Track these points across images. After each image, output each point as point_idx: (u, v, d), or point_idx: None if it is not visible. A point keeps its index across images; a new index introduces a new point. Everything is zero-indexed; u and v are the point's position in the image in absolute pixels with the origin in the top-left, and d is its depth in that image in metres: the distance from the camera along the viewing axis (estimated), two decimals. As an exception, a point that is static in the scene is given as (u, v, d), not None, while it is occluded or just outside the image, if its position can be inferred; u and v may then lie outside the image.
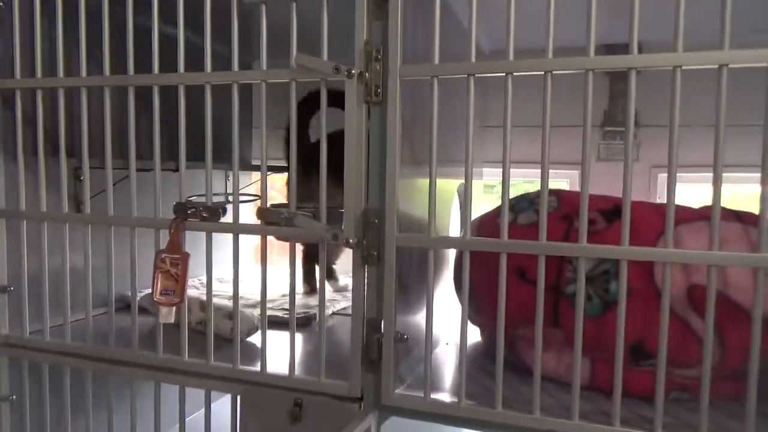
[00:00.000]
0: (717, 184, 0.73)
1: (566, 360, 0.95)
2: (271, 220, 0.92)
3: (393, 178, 0.85)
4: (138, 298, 1.03)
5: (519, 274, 0.96)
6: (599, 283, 0.89)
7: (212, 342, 0.98)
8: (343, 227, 0.87)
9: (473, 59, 0.81)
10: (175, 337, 1.00)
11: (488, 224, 1.04)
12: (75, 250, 1.06)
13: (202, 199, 0.99)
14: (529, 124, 1.19)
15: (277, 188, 1.90)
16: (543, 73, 0.78)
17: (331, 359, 0.94)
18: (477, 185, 1.66)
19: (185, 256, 0.96)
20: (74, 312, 1.10)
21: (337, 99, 0.88)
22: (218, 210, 0.95)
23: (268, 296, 0.96)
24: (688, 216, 0.87)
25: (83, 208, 1.10)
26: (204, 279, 1.70)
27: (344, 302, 1.50)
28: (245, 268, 1.97)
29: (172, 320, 0.97)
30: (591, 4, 0.75)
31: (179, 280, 0.95)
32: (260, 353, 0.95)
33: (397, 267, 0.86)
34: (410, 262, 0.93)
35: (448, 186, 1.21)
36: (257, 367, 0.95)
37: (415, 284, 0.95)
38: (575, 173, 1.69)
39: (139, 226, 1.01)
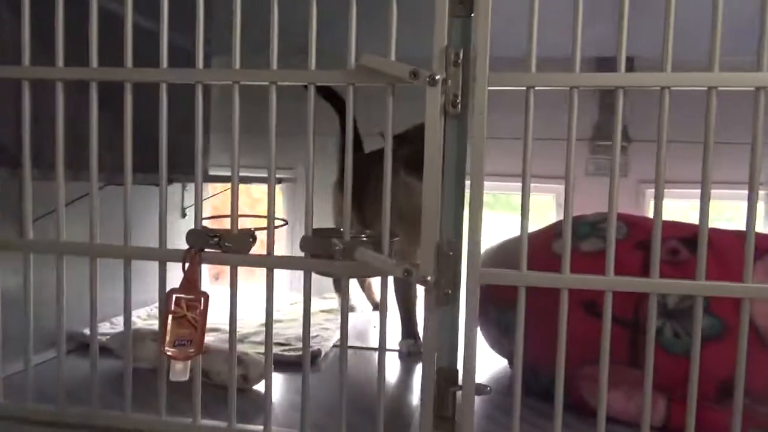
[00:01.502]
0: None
1: (638, 400, 0.87)
2: (321, 252, 0.76)
3: (478, 203, 0.72)
4: (106, 339, 0.82)
5: (586, 307, 0.87)
6: (687, 319, 0.82)
7: (199, 395, 0.79)
8: (416, 261, 0.73)
9: (578, 70, 0.71)
10: (152, 388, 0.80)
11: (541, 250, 0.94)
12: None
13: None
14: (510, 136, 1.12)
15: (243, 202, 1.69)
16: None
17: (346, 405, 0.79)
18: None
19: (205, 298, 0.77)
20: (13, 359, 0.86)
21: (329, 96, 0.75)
22: (248, 238, 0.77)
23: (247, 329, 0.79)
24: (775, 245, 0.82)
25: (25, 231, 0.83)
26: (153, 309, 1.47)
27: (337, 331, 1.34)
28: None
29: (186, 377, 0.77)
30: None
31: (198, 327, 0.76)
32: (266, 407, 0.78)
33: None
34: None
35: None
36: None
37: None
38: (562, 188, 1.65)
39: (138, 258, 0.81)
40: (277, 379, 1.02)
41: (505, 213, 1.83)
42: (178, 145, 0.82)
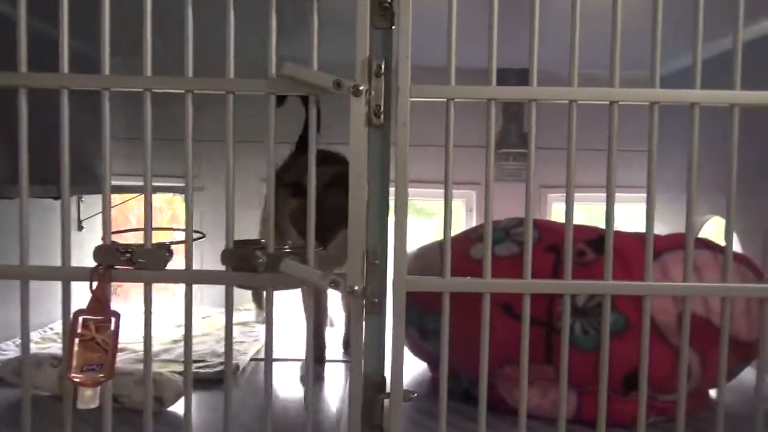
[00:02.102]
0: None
1: (552, 396, 0.92)
2: (243, 265, 0.73)
3: (403, 212, 0.74)
4: None
5: (505, 309, 0.91)
6: (594, 316, 0.88)
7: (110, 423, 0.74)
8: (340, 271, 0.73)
9: (494, 83, 0.74)
10: (54, 417, 0.74)
11: (459, 256, 0.97)
12: None
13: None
14: (420, 143, 1.17)
15: (158, 210, 1.60)
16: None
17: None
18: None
19: (115, 318, 0.72)
20: None
21: None
22: (164, 253, 0.73)
23: (157, 346, 0.76)
24: (669, 244, 0.90)
25: None
26: (55, 328, 1.35)
27: (255, 343, 1.30)
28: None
29: (96, 404, 0.72)
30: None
31: (109, 350, 0.71)
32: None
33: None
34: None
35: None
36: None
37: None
38: (472, 193, 1.71)
39: (38, 279, 0.74)
40: (192, 398, 0.97)
41: (412, 217, 1.87)
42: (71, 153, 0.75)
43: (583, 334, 0.87)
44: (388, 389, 0.75)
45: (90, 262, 0.72)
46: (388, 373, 0.76)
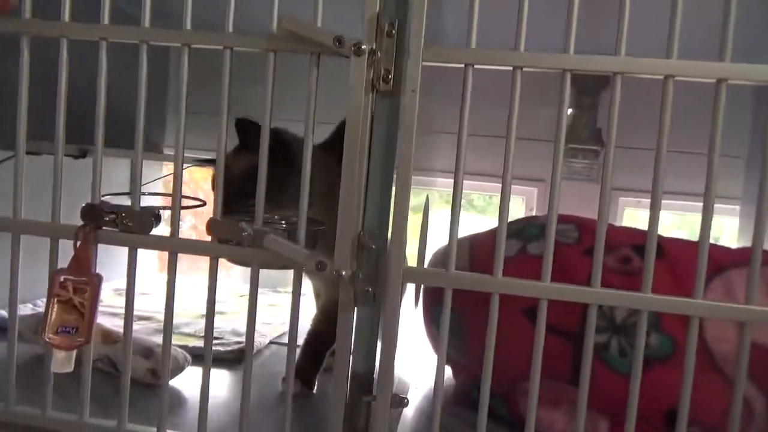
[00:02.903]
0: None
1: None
2: (229, 237, 0.68)
3: (405, 192, 0.65)
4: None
5: (529, 315, 0.79)
6: (635, 335, 0.74)
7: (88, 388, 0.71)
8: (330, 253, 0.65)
9: (522, 49, 0.63)
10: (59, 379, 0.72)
11: (484, 251, 0.87)
12: None
13: (124, 201, 0.72)
14: (481, 133, 1.04)
15: (201, 188, 1.60)
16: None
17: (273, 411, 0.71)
18: (434, 196, 1.49)
19: (96, 280, 0.69)
20: None
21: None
22: (150, 218, 0.69)
23: (182, 319, 0.71)
24: (739, 258, 0.74)
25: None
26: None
27: (281, 326, 1.26)
28: (148, 277, 1.67)
29: (71, 368, 0.69)
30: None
31: (85, 313, 0.68)
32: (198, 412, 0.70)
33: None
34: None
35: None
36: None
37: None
38: (533, 190, 1.58)
39: (27, 233, 0.72)
40: (197, 375, 0.93)
41: (465, 213, 1.76)
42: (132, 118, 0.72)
43: (620, 355, 0.74)
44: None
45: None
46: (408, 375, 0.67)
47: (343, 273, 0.63)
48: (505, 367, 0.73)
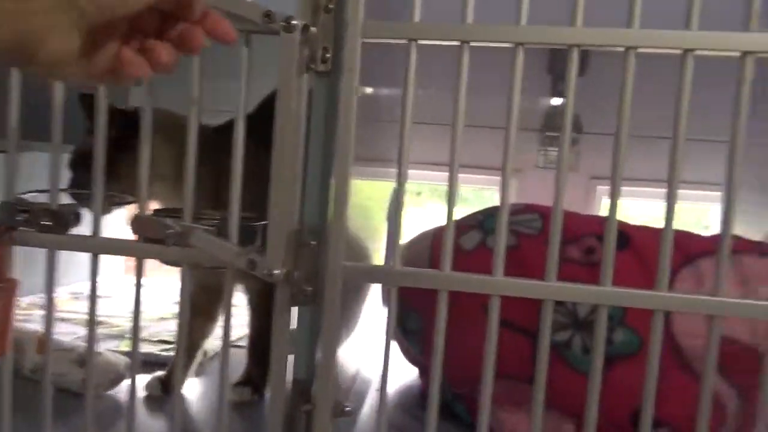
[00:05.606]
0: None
1: (544, 423, 0.75)
2: (152, 234, 0.62)
3: (345, 183, 0.59)
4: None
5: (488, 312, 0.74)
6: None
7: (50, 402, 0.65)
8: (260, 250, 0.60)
9: (470, 20, 0.57)
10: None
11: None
12: None
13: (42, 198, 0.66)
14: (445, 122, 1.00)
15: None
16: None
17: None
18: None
19: (12, 285, 0.63)
20: None
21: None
22: (68, 216, 0.63)
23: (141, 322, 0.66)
24: (708, 247, 0.69)
25: None
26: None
27: (241, 328, 1.20)
28: (113, 280, 1.60)
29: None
30: None
31: (2, 322, 0.62)
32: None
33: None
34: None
35: (373, 189, 0.97)
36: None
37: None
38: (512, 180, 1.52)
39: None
40: (144, 381, 0.88)
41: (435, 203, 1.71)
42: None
43: (583, 353, 0.69)
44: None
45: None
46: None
47: (276, 272, 0.58)
48: (467, 365, 0.68)
